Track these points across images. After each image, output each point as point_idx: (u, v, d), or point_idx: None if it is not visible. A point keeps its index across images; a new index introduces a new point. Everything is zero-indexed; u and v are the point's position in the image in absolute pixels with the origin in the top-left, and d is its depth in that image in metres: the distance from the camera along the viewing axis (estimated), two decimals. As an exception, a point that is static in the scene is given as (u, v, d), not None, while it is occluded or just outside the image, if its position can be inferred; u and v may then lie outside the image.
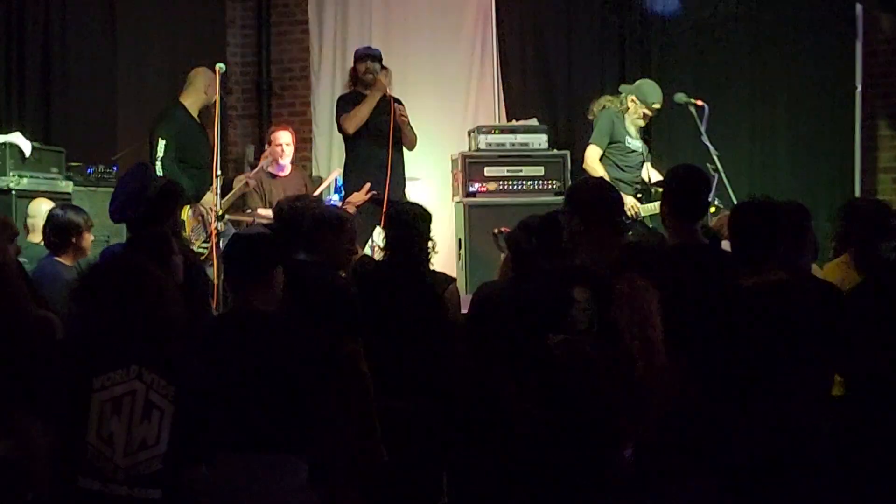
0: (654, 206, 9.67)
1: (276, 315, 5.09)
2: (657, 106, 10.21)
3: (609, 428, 5.14)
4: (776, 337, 5.20)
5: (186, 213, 9.32)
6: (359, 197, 9.68)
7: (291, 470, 4.87)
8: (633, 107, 10.18)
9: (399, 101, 10.47)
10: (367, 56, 10.45)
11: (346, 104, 10.40)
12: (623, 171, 10.14)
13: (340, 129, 10.47)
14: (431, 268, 6.98)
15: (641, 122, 10.28)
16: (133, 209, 6.88)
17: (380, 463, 6.03)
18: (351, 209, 8.90)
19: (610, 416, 5.13)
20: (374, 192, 9.80)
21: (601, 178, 9.03)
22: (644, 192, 10.11)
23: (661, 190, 9.76)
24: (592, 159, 10.15)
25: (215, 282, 8.18)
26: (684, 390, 5.15)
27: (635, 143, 10.21)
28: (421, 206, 7.07)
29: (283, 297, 5.20)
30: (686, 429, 5.13)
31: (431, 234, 6.92)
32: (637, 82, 10.45)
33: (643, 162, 10.29)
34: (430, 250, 6.89)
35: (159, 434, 4.32)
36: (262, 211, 10.07)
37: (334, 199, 11.11)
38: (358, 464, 5.83)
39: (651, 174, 10.26)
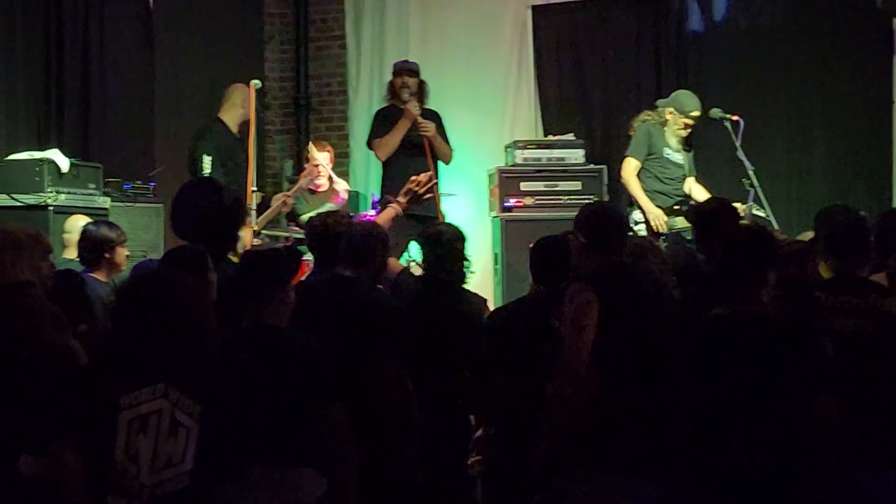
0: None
1: (287, 330, 5.09)
2: (696, 113, 10.13)
3: None
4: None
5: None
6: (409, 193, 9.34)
7: (311, 484, 4.87)
8: (672, 118, 10.11)
9: (436, 114, 10.47)
10: (403, 70, 10.47)
11: (379, 124, 10.42)
12: (663, 182, 10.09)
13: (370, 148, 10.51)
14: (467, 287, 7.05)
15: (683, 133, 10.17)
16: (203, 228, 6.87)
17: (415, 484, 6.04)
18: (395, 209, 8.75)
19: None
20: (435, 181, 9.65)
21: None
22: (684, 204, 10.02)
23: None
24: (627, 172, 10.13)
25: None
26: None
27: (676, 156, 10.14)
28: (456, 228, 7.09)
29: (319, 311, 5.23)
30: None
31: (467, 254, 6.97)
32: (673, 94, 10.41)
33: (685, 175, 10.20)
34: (465, 270, 6.93)
35: (185, 452, 4.32)
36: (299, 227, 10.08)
37: (370, 214, 11.12)
38: (392, 482, 5.83)
39: (693, 189, 10.19)
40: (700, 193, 10.08)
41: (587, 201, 9.82)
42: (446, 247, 6.93)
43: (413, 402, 6.04)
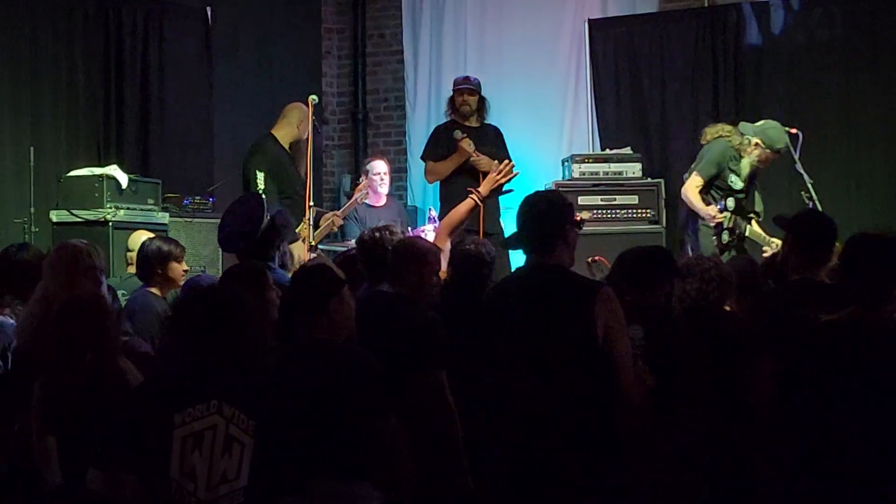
0: (756, 231, 9.62)
1: (339, 344, 5.10)
2: (782, 150, 9.79)
3: None
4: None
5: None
6: (488, 186, 9.26)
7: (368, 496, 4.88)
8: (759, 151, 9.71)
9: (496, 129, 10.43)
10: (464, 89, 10.41)
11: (434, 143, 10.35)
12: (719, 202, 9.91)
13: (423, 161, 10.53)
14: None
15: (761, 167, 9.81)
16: (249, 240, 6.91)
17: (466, 495, 6.01)
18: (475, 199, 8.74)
19: None
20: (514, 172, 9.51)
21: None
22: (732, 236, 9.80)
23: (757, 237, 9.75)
24: (692, 189, 9.71)
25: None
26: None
27: (739, 185, 9.84)
28: (484, 252, 6.99)
29: (359, 326, 5.22)
30: None
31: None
32: (762, 123, 9.94)
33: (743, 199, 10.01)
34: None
35: (240, 467, 4.33)
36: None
37: (428, 229, 11.13)
38: (444, 495, 5.82)
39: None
40: (755, 231, 9.86)
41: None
42: (472, 272, 6.89)
43: (455, 415, 6.01)
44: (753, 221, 9.74)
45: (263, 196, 9.16)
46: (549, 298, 5.37)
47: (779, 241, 9.31)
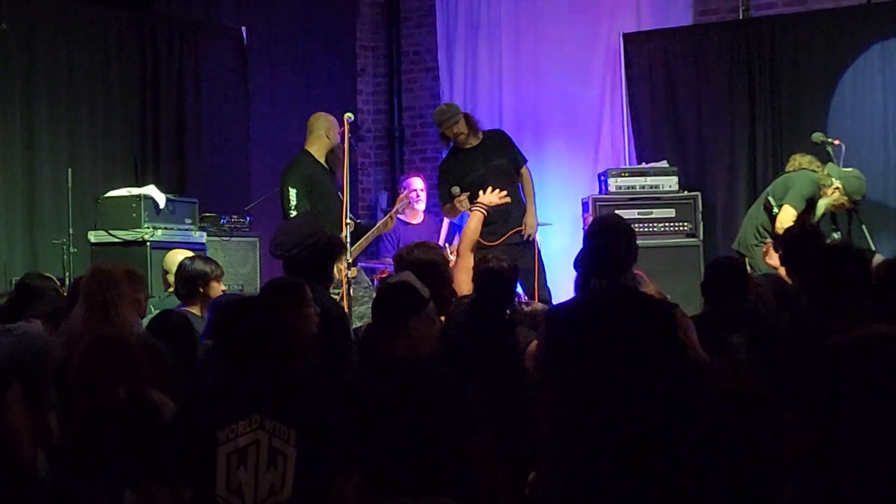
0: None
1: (419, 361, 5.11)
2: (859, 200, 9.79)
3: None
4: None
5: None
6: (490, 199, 9.35)
7: None
8: (838, 195, 9.69)
9: (499, 133, 10.28)
10: (446, 124, 9.92)
11: (443, 186, 10.02)
12: None
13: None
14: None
15: (834, 209, 9.80)
16: (298, 249, 6.91)
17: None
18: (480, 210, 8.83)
19: None
20: (509, 199, 9.49)
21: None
22: None
23: None
24: (788, 221, 9.47)
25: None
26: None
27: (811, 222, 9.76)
28: (508, 269, 6.97)
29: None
30: None
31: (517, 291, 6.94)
32: (848, 171, 9.88)
33: None
34: (515, 307, 6.85)
35: (284, 479, 4.34)
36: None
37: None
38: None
39: None
40: None
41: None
42: (496, 288, 6.89)
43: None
44: None
45: (293, 213, 9.28)
46: (631, 321, 5.34)
47: None
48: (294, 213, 9.30)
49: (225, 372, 4.48)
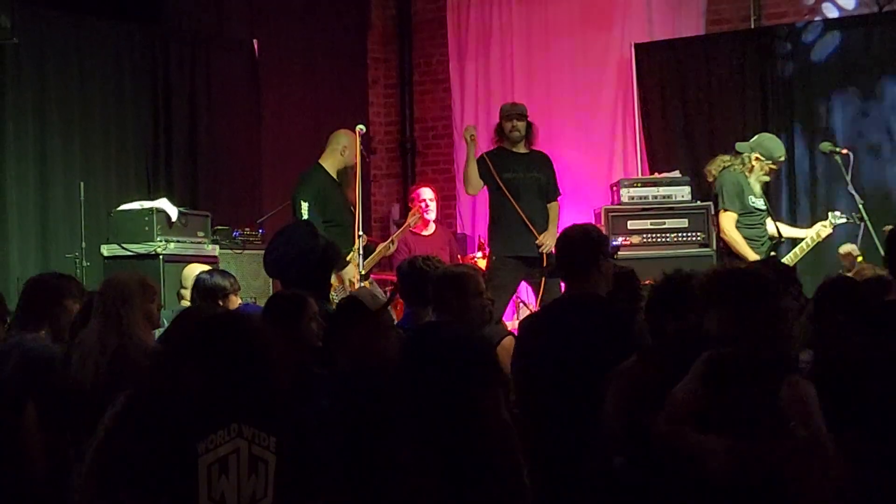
0: (791, 258, 9.69)
1: (374, 369, 5.13)
2: (782, 158, 9.91)
3: None
4: None
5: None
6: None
7: None
8: (759, 164, 9.76)
9: (545, 156, 10.39)
10: (513, 115, 10.33)
11: (482, 160, 10.30)
12: (750, 229, 9.86)
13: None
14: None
15: (767, 178, 9.90)
16: (296, 269, 6.92)
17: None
18: None
19: None
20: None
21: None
22: (776, 247, 9.88)
23: (795, 238, 9.91)
24: (729, 226, 9.74)
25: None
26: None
27: (759, 202, 9.83)
28: (461, 272, 6.86)
29: (406, 360, 5.22)
30: None
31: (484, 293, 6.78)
32: (756, 138, 10.03)
33: (765, 217, 9.99)
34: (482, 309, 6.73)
35: (266, 485, 4.34)
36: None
37: (477, 256, 11.13)
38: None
39: (780, 228, 9.99)
40: (788, 230, 9.96)
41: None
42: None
43: (514, 434, 5.97)
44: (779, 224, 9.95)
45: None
46: (586, 326, 5.47)
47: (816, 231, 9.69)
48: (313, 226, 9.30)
49: (200, 382, 4.46)
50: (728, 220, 9.75)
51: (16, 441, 4.90)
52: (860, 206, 9.50)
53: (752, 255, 9.54)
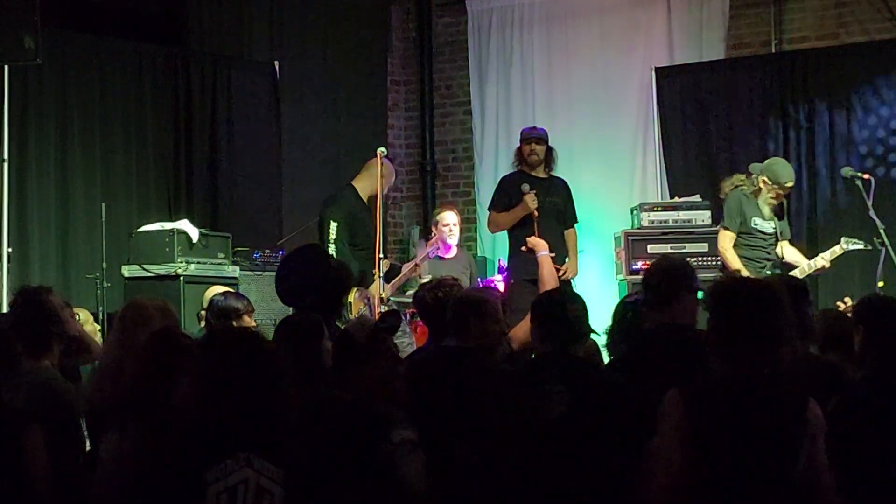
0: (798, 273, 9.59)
1: (355, 400, 5.16)
2: (790, 185, 9.84)
3: None
4: None
5: (353, 295, 9.27)
6: (543, 244, 9.32)
7: None
8: (766, 188, 9.75)
9: (565, 182, 10.41)
10: (532, 138, 10.35)
11: (501, 194, 10.32)
12: (751, 249, 9.82)
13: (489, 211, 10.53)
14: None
15: (774, 202, 9.83)
16: (312, 294, 6.92)
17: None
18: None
19: None
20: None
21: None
22: (775, 270, 9.82)
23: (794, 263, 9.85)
24: (725, 244, 9.76)
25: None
26: None
27: (766, 225, 9.76)
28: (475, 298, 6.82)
29: (424, 385, 5.22)
30: None
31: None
32: (767, 161, 10.09)
33: (775, 241, 9.94)
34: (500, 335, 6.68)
35: None
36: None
37: (497, 279, 11.13)
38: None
39: (786, 252, 9.96)
40: (792, 255, 9.91)
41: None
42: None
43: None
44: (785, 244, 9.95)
45: (331, 246, 9.28)
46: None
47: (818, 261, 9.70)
48: (332, 247, 9.31)
49: (208, 413, 4.43)
50: (724, 238, 9.81)
51: (20, 462, 4.88)
52: (882, 232, 9.46)
53: (738, 266, 9.54)
